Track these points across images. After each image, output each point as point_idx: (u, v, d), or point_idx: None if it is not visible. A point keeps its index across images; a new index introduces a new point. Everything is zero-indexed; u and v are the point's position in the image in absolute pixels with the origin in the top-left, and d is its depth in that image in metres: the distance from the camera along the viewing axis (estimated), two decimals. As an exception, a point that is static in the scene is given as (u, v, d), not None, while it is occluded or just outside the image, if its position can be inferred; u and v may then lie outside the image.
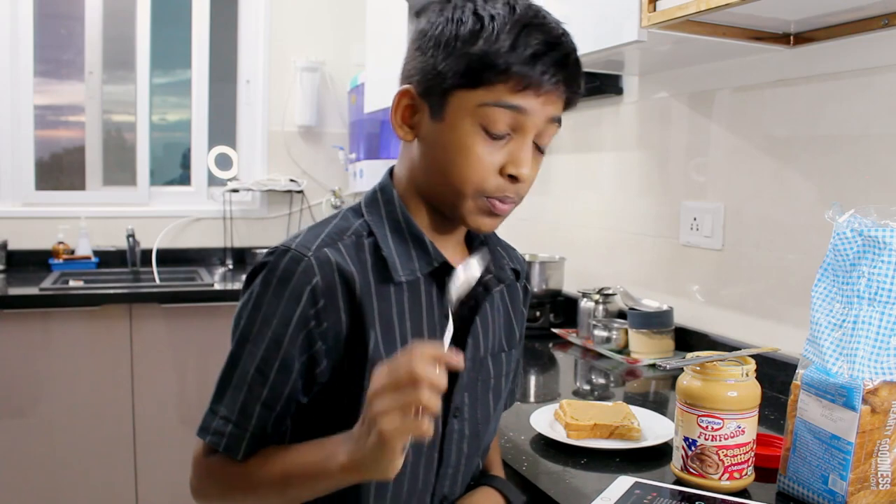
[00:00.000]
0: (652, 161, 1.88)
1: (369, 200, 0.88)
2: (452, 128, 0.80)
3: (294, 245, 0.80)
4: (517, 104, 0.79)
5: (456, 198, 0.83)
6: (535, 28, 0.79)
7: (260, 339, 0.79)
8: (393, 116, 0.85)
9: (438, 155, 0.83)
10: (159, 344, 2.59)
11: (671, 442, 1.14)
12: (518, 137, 0.81)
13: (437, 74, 0.80)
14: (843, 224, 0.91)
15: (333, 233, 0.83)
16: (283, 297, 0.79)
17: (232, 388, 0.81)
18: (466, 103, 0.79)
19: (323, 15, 3.35)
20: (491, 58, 0.77)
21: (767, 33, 1.42)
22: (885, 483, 0.89)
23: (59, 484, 2.49)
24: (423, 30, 0.84)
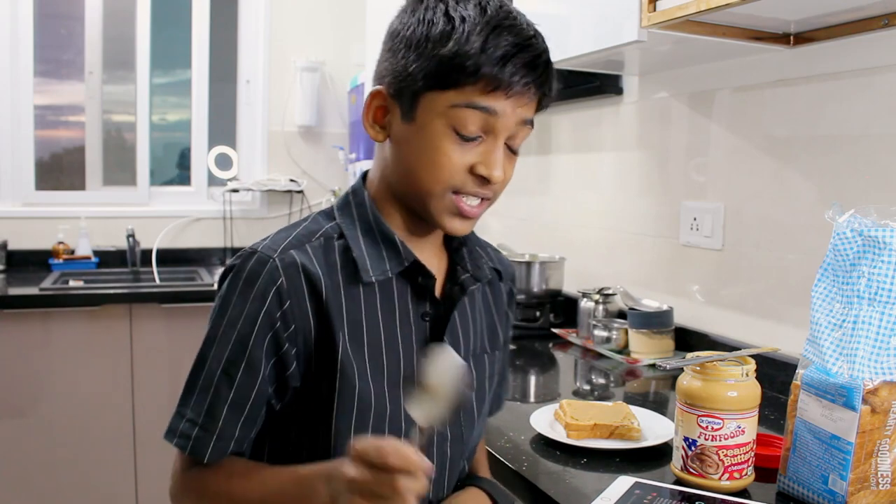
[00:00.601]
0: (652, 161, 1.88)
1: (341, 203, 0.89)
2: (423, 128, 0.81)
3: (260, 247, 0.81)
4: (487, 106, 0.79)
5: (426, 197, 0.83)
6: (505, 29, 0.79)
7: (225, 340, 0.80)
8: (364, 117, 0.86)
9: (409, 155, 0.83)
10: (159, 344, 2.59)
11: (671, 442, 1.14)
12: (489, 139, 0.81)
13: (408, 76, 0.80)
14: (843, 224, 0.91)
15: (302, 235, 0.84)
16: (248, 299, 0.79)
17: (199, 390, 0.80)
18: (437, 105, 0.79)
19: (323, 15, 3.35)
20: (461, 59, 0.77)
21: (767, 33, 1.42)
22: (885, 483, 0.89)
23: (59, 484, 2.49)
24: (394, 30, 0.84)
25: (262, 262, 0.79)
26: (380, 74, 0.85)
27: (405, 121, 0.82)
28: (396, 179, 0.86)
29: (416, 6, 0.83)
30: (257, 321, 0.79)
